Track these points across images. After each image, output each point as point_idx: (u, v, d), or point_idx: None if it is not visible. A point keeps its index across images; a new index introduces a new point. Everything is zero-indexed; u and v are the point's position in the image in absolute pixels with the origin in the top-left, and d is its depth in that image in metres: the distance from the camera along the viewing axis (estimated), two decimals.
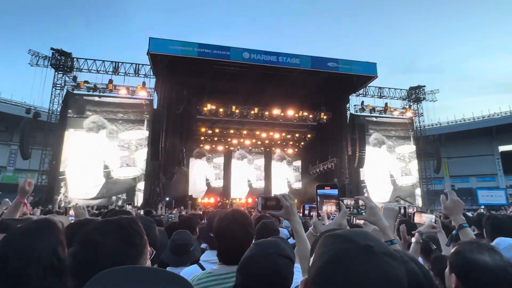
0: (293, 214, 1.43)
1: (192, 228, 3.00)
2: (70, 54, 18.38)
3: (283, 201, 1.41)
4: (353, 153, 19.91)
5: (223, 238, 1.56)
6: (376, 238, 0.66)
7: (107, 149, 17.30)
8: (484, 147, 35.01)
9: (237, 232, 1.53)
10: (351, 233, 0.65)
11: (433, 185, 23.67)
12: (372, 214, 1.39)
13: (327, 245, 0.64)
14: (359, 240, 0.61)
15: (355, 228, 2.30)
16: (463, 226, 1.86)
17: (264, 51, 17.70)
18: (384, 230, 1.36)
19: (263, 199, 1.45)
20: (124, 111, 18.05)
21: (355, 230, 0.68)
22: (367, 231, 0.71)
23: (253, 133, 24.40)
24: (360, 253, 0.59)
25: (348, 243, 0.61)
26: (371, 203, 1.40)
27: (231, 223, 1.56)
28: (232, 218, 1.58)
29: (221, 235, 1.57)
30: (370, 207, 1.39)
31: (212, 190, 26.17)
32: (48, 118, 18.08)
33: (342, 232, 0.67)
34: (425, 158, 23.28)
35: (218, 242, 1.58)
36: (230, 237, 1.53)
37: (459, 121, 35.32)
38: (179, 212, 9.89)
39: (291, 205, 1.41)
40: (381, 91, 22.55)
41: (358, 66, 18.96)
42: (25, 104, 27.77)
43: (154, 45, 16.25)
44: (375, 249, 0.59)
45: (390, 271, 0.57)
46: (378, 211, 1.38)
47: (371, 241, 0.61)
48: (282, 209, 1.43)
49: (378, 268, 0.57)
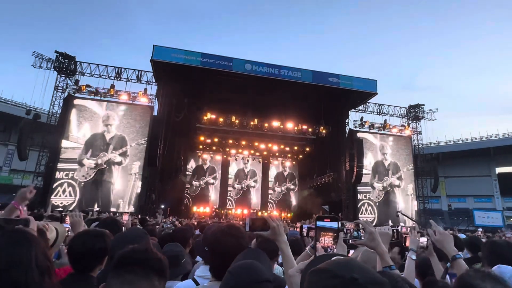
0: (280, 234, 1.43)
1: (185, 240, 2.97)
2: (74, 57, 18.51)
3: (270, 222, 1.41)
4: (351, 168, 19.90)
5: (216, 251, 1.56)
6: (361, 266, 0.68)
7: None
8: (481, 168, 35.12)
9: (230, 245, 1.52)
10: (336, 267, 0.67)
11: (430, 204, 23.60)
12: (371, 240, 1.40)
13: (313, 282, 0.67)
14: (344, 274, 0.63)
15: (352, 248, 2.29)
16: (455, 258, 1.83)
17: (266, 64, 17.90)
18: (382, 255, 1.36)
19: (251, 220, 1.46)
20: (124, 116, 18.00)
21: (339, 262, 0.70)
22: (351, 260, 0.72)
23: (251, 143, 24.43)
24: (346, 287, 0.61)
25: (333, 279, 0.64)
26: (370, 228, 1.40)
27: (225, 236, 1.56)
28: (226, 231, 1.58)
29: (214, 248, 1.57)
30: (370, 232, 1.39)
31: (208, 199, 26.02)
32: (47, 120, 18.06)
33: (327, 267, 0.68)
34: (423, 177, 23.29)
35: (211, 255, 1.58)
36: (223, 250, 1.52)
37: (458, 140, 35.54)
38: (176, 221, 9.81)
39: (277, 225, 1.41)
40: (380, 108, 22.72)
41: (359, 82, 19.16)
42: (25, 105, 27.81)
43: (158, 53, 16.42)
44: (360, 280, 0.61)
45: None
46: (377, 237, 1.39)
47: (355, 273, 0.63)
48: (270, 229, 1.44)
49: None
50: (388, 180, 21.14)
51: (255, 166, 27.95)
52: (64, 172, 16.16)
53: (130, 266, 0.97)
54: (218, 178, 26.79)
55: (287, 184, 28.46)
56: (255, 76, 17.64)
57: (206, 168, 26.71)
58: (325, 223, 1.17)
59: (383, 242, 1.57)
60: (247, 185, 27.36)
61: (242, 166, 27.60)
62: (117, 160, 16.82)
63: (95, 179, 16.42)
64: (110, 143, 17.00)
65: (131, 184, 16.85)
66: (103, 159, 16.69)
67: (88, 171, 16.43)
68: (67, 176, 16.17)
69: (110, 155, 16.82)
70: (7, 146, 29.35)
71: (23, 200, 2.13)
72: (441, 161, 34.07)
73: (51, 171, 16.47)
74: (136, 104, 18.57)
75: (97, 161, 16.59)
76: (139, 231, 1.79)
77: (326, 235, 1.15)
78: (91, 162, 16.53)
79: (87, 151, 16.65)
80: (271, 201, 27.64)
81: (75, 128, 16.99)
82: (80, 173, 16.32)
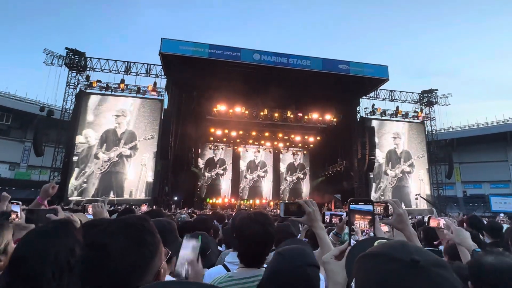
0: (316, 220, 1.41)
1: (207, 229, 2.98)
2: (84, 53, 18.71)
3: (305, 207, 1.40)
4: (363, 156, 19.69)
5: (243, 238, 1.57)
6: (418, 248, 0.63)
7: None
8: (497, 153, 34.22)
9: (258, 231, 1.53)
10: (392, 250, 0.62)
11: (445, 191, 23.25)
12: (399, 221, 1.37)
13: (369, 269, 0.62)
14: (402, 257, 0.58)
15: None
16: (476, 251, 1.86)
17: (275, 53, 17.69)
18: (410, 237, 1.33)
19: (285, 205, 1.44)
20: (134, 111, 18.33)
21: (394, 245, 0.64)
22: (405, 242, 0.67)
23: (262, 134, 24.38)
24: (408, 271, 0.56)
25: (392, 263, 0.58)
26: (399, 209, 1.37)
27: (252, 223, 1.57)
28: (254, 218, 1.60)
29: (241, 234, 1.58)
30: (398, 213, 1.36)
31: (220, 190, 26.24)
32: (61, 116, 18.43)
33: (380, 250, 0.64)
34: (437, 163, 22.89)
35: (239, 241, 1.59)
36: (251, 236, 1.53)
37: (472, 125, 34.63)
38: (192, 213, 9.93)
39: (313, 211, 1.40)
40: (392, 94, 22.28)
41: (370, 69, 18.77)
42: (39, 102, 28.36)
43: (166, 46, 16.41)
44: (422, 263, 0.56)
45: (442, 281, 0.55)
46: (406, 218, 1.35)
47: (414, 254, 0.58)
48: (305, 215, 1.42)
49: (431, 283, 0.55)
50: (400, 168, 21.22)
51: (266, 156, 27.95)
52: (83, 165, 17.11)
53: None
54: (228, 170, 26.95)
55: (297, 174, 28.42)
56: (264, 66, 17.49)
57: (217, 160, 26.87)
58: (359, 206, 1.13)
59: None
60: (258, 175, 27.45)
61: (253, 157, 27.65)
62: (127, 153, 17.76)
63: (109, 170, 17.41)
64: (121, 138, 17.90)
65: (141, 174, 17.73)
66: (115, 153, 17.59)
67: (103, 164, 17.38)
68: (85, 169, 17.09)
69: (121, 149, 17.72)
70: (23, 143, 30.09)
71: (47, 195, 2.23)
72: (456, 147, 33.29)
73: (68, 166, 16.94)
74: (146, 98, 18.75)
75: (110, 154, 17.50)
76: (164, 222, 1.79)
77: (361, 219, 1.11)
78: (105, 156, 17.45)
79: (101, 145, 17.55)
80: (282, 190, 27.70)
81: (89, 124, 17.74)
82: (96, 165, 17.27)
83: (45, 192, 2.23)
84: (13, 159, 29.62)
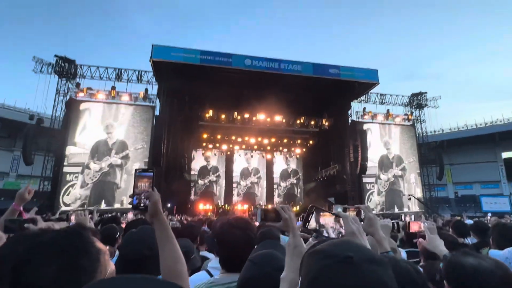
0: (291, 226, 1.42)
1: (193, 236, 2.97)
2: (74, 61, 18.57)
3: (282, 213, 1.41)
4: (355, 159, 19.85)
5: (223, 243, 1.58)
6: (359, 246, 0.65)
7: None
8: (487, 154, 34.85)
9: (238, 236, 1.54)
10: (332, 247, 0.65)
11: (436, 192, 23.52)
12: (369, 225, 1.41)
13: (309, 265, 0.65)
14: (338, 253, 0.61)
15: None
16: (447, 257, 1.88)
17: (266, 58, 17.80)
18: (380, 241, 1.36)
19: (263, 211, 1.45)
20: (125, 120, 18.23)
21: (335, 243, 0.67)
22: (348, 241, 0.70)
23: (254, 139, 24.42)
24: (340, 266, 0.59)
25: (328, 259, 0.62)
26: (369, 213, 1.40)
27: (232, 228, 1.58)
28: (234, 223, 1.61)
29: (222, 239, 1.59)
30: (369, 218, 1.39)
31: (213, 197, 26.11)
32: (51, 124, 18.19)
33: (323, 248, 0.66)
34: (428, 165, 23.17)
35: (220, 247, 1.60)
36: (231, 242, 1.55)
37: (462, 127, 35.25)
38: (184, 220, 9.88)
39: (289, 216, 1.41)
40: (382, 98, 22.57)
41: (360, 73, 19.02)
42: (28, 111, 27.97)
43: (157, 52, 16.38)
44: (355, 259, 0.59)
45: (372, 277, 0.57)
46: (375, 222, 1.39)
47: (351, 251, 0.61)
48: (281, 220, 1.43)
49: (359, 277, 0.57)
50: (392, 172, 21.55)
51: (259, 163, 27.93)
52: (74, 175, 16.98)
53: None
54: (221, 177, 26.88)
55: (291, 179, 28.46)
56: (255, 71, 17.58)
57: (210, 168, 26.79)
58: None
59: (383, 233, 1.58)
60: (251, 181, 27.43)
61: (246, 164, 27.60)
62: (118, 163, 17.66)
63: (101, 179, 17.26)
64: (112, 148, 17.82)
65: (132, 183, 17.19)
66: (106, 162, 17.52)
67: (94, 174, 17.25)
68: (76, 178, 16.97)
69: (112, 159, 17.62)
70: (12, 152, 29.61)
71: (23, 201, 2.12)
72: (446, 149, 33.82)
73: (58, 175, 16.69)
74: (137, 104, 18.65)
75: (101, 164, 17.43)
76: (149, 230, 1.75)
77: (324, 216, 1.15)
78: (96, 166, 17.37)
79: (93, 156, 17.45)
80: (277, 195, 27.69)
81: (80, 135, 17.60)
82: (88, 176, 17.14)
83: (20, 197, 2.11)
84: (2, 168, 29.12)
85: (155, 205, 1.21)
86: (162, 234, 1.21)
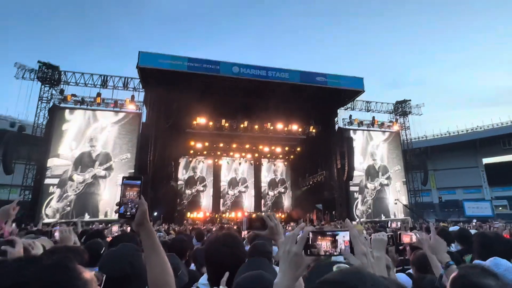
0: (278, 233, 1.41)
1: (182, 251, 2.91)
2: (58, 67, 18.17)
3: (267, 221, 1.39)
4: (342, 166, 20.08)
5: (211, 261, 1.56)
6: (372, 276, 0.62)
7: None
8: (469, 160, 35.86)
9: (225, 255, 1.54)
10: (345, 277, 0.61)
11: (421, 198, 23.99)
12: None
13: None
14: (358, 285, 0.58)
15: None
16: (449, 264, 1.83)
17: (254, 66, 17.91)
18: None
19: (248, 220, 1.43)
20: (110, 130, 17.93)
21: (347, 272, 0.64)
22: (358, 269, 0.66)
23: (242, 146, 24.40)
24: None
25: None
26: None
27: (220, 246, 1.57)
28: (222, 241, 1.59)
29: (209, 257, 1.57)
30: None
31: (200, 205, 25.84)
32: (33, 131, 17.66)
33: (334, 278, 0.63)
34: (413, 171, 23.66)
35: (208, 264, 1.57)
36: (218, 260, 1.53)
37: (444, 134, 36.23)
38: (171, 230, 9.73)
39: (275, 225, 1.39)
40: (368, 105, 23.01)
41: (346, 81, 19.36)
42: (9, 118, 27.13)
43: (144, 59, 16.23)
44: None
45: None
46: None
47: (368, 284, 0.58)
48: (267, 229, 1.42)
49: None
50: (378, 181, 22.01)
51: (248, 172, 27.83)
52: (56, 187, 16.49)
53: None
54: (208, 186, 26.66)
55: (279, 188, 28.47)
56: (243, 78, 17.64)
57: (197, 178, 26.57)
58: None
59: (379, 248, 1.55)
60: (239, 191, 27.32)
61: (233, 173, 27.48)
62: (101, 174, 17.34)
63: (84, 191, 16.88)
64: (96, 160, 17.49)
65: (117, 194, 16.75)
66: (90, 174, 17.18)
67: (77, 185, 16.87)
68: (59, 189, 16.48)
69: (96, 170, 17.31)
70: None
71: (7, 217, 2.03)
72: (430, 155, 34.67)
73: (39, 185, 16.17)
74: (123, 111, 18.36)
75: (85, 176, 17.08)
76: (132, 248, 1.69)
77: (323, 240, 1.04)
78: (80, 177, 17.00)
79: (76, 168, 17.07)
80: (264, 203, 27.62)
81: (63, 146, 17.17)
82: (71, 187, 16.75)
83: (4, 213, 2.01)
84: None
85: (143, 214, 1.18)
86: (149, 243, 1.19)
